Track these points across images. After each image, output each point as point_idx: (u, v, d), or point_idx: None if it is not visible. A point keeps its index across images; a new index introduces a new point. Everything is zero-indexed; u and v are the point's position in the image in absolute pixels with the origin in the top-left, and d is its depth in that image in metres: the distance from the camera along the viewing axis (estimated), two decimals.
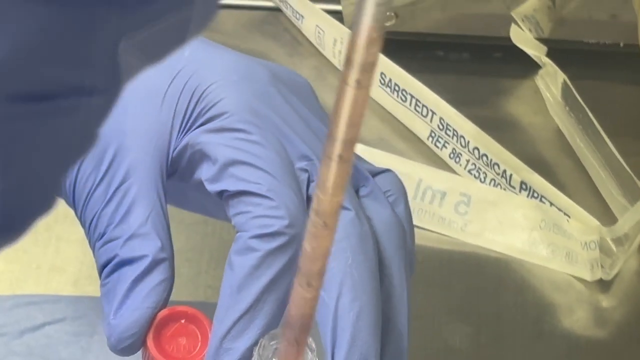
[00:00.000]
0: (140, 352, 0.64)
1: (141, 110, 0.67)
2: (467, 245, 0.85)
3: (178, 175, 0.67)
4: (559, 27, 0.93)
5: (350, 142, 0.43)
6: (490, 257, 0.84)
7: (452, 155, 0.88)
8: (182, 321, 0.64)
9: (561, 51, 0.91)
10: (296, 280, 0.48)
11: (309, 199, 0.63)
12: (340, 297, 0.63)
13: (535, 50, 0.90)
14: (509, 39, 0.91)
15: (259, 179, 0.63)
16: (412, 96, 0.89)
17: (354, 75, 0.45)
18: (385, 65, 0.90)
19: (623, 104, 0.90)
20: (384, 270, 0.65)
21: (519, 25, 0.90)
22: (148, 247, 0.64)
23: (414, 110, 0.89)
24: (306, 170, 0.64)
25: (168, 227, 0.65)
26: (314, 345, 0.61)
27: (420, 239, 0.83)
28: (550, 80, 0.90)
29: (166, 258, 0.64)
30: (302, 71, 0.92)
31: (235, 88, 0.66)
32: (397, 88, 0.90)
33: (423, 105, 0.88)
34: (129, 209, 0.65)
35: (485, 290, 0.83)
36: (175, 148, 0.66)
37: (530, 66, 0.92)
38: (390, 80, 0.90)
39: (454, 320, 0.81)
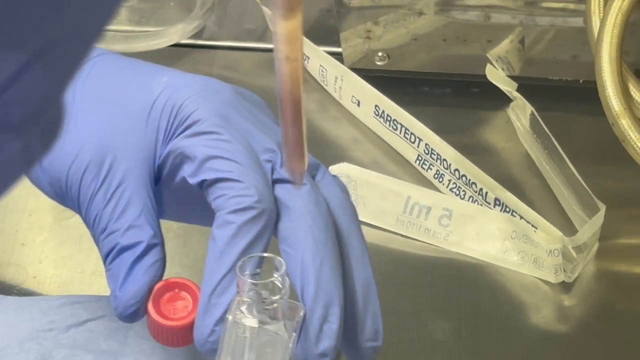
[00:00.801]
0: (145, 320, 0.67)
1: (130, 128, 0.69)
2: (449, 253, 0.85)
3: (164, 179, 0.69)
4: (527, 66, 0.93)
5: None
6: (469, 262, 0.84)
7: (436, 176, 0.88)
8: (176, 290, 0.67)
9: (529, 87, 0.91)
10: (275, 62, 0.52)
11: (273, 183, 0.66)
12: (305, 251, 0.65)
13: (507, 86, 0.90)
14: (484, 76, 0.91)
15: (231, 167, 0.66)
16: (402, 125, 0.89)
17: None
18: (379, 99, 0.90)
19: (582, 132, 0.90)
20: (343, 235, 0.67)
21: (493, 65, 0.90)
22: (143, 235, 0.66)
23: (404, 138, 0.89)
24: (270, 160, 0.66)
25: (158, 220, 0.67)
26: (282, 267, 0.64)
27: (408, 247, 0.84)
28: (520, 112, 0.90)
29: (158, 243, 0.67)
30: (307, 104, 0.92)
31: (205, 100, 0.68)
32: (389, 118, 0.90)
33: (411, 133, 0.89)
34: (125, 206, 0.67)
35: (465, 291, 0.83)
36: (160, 156, 0.69)
37: (503, 100, 0.91)
38: (383, 111, 0.90)
39: (438, 316, 0.81)
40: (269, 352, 0.64)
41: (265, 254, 0.64)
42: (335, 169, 0.86)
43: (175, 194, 0.70)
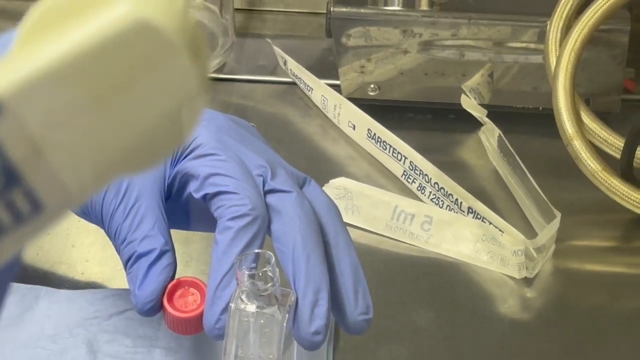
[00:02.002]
0: (160, 314, 0.68)
1: None
2: (430, 253, 0.84)
3: (173, 196, 0.71)
4: (495, 96, 0.93)
5: None
6: (447, 261, 0.84)
7: (419, 188, 0.87)
8: (186, 287, 0.68)
9: (497, 113, 0.90)
10: None
11: (265, 193, 0.67)
12: (295, 248, 0.66)
13: (478, 112, 0.89)
14: (459, 104, 0.90)
15: (228, 182, 0.67)
16: (390, 145, 0.89)
17: None
18: (371, 123, 0.90)
19: (541, 151, 0.90)
20: (330, 230, 0.68)
21: (467, 95, 0.90)
22: (156, 243, 0.67)
23: (392, 156, 0.89)
24: (261, 175, 0.67)
25: (169, 231, 0.68)
26: (272, 260, 0.64)
27: (396, 248, 0.85)
28: (489, 134, 0.90)
29: (169, 249, 0.68)
30: (311, 128, 0.93)
31: (204, 128, 0.69)
32: (379, 140, 0.89)
33: (398, 152, 0.88)
34: (141, 220, 0.68)
35: (443, 285, 0.83)
36: (169, 176, 0.70)
37: (475, 124, 0.91)
38: (374, 134, 0.90)
39: (421, 307, 0.81)
40: (267, 332, 0.66)
41: (257, 250, 0.66)
42: (334, 182, 0.86)
43: (183, 207, 0.71)
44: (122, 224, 0.68)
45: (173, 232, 0.68)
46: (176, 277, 0.68)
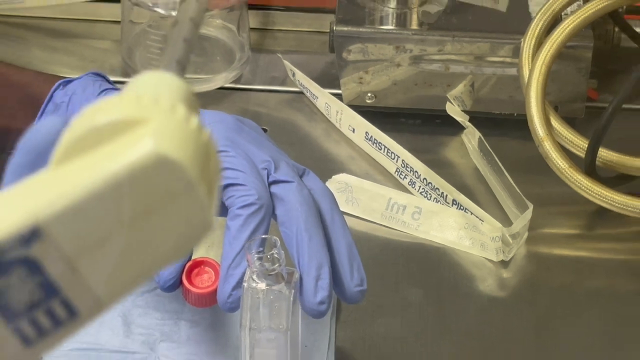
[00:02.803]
0: (180, 291, 0.69)
1: None
2: (419, 239, 0.84)
3: None
4: (476, 103, 0.93)
5: None
6: (434, 246, 0.84)
7: (409, 183, 0.87)
8: (202, 266, 0.69)
9: (477, 118, 0.90)
10: None
11: (269, 184, 0.68)
12: (297, 230, 0.66)
13: (461, 117, 0.89)
14: (445, 111, 0.90)
15: (237, 175, 0.67)
16: (385, 146, 0.89)
17: None
18: (368, 127, 0.90)
19: (516, 151, 0.90)
20: (327, 214, 0.69)
21: (451, 102, 0.90)
22: None
23: (386, 155, 0.89)
24: (265, 168, 0.68)
25: None
26: (278, 244, 0.65)
27: (390, 235, 0.84)
28: (471, 137, 0.90)
29: None
30: (316, 131, 0.93)
31: (216, 128, 0.69)
32: (375, 141, 0.89)
33: (392, 152, 0.88)
34: None
35: (431, 266, 0.83)
36: None
37: (458, 128, 0.91)
38: (371, 136, 0.90)
39: (411, 285, 0.81)
40: (276, 306, 0.66)
41: (265, 235, 0.66)
42: (337, 177, 0.86)
43: None
44: None
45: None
46: (195, 258, 0.69)
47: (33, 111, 0.74)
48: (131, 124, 0.32)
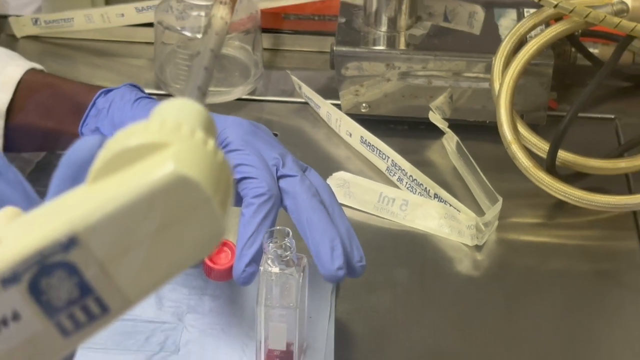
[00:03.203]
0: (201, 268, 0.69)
1: None
2: (406, 227, 0.84)
3: None
4: (454, 112, 0.92)
5: None
6: (418, 233, 0.84)
7: (398, 179, 0.87)
8: (221, 246, 0.68)
9: (455, 125, 0.90)
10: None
11: (278, 178, 0.68)
12: (307, 214, 0.67)
13: (442, 124, 0.89)
14: (428, 118, 0.90)
15: (250, 170, 0.67)
16: (377, 148, 0.89)
17: None
18: (363, 132, 0.90)
19: (488, 153, 0.89)
20: (327, 204, 0.69)
21: (433, 111, 0.90)
22: None
23: (378, 156, 0.89)
24: (275, 165, 0.68)
25: None
26: (290, 234, 0.65)
27: (382, 223, 0.85)
28: (450, 140, 0.90)
29: None
30: (319, 136, 0.93)
31: (233, 130, 0.69)
32: (369, 144, 0.89)
33: (383, 153, 0.88)
34: None
35: (416, 250, 0.83)
36: None
37: (439, 133, 0.90)
38: (365, 140, 0.90)
39: (399, 266, 0.81)
40: (287, 287, 0.66)
41: (279, 227, 0.66)
42: (336, 175, 0.86)
43: None
44: None
45: None
46: None
47: (79, 116, 0.75)
48: (156, 147, 0.32)
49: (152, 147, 0.32)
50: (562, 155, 0.86)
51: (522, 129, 0.87)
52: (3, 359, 0.31)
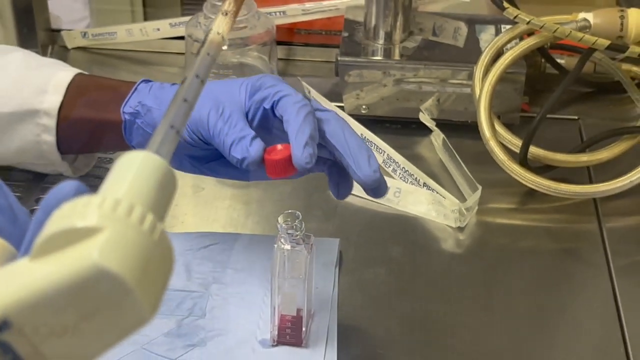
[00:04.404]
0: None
1: (231, 93, 0.67)
2: (399, 211, 0.84)
3: (250, 119, 0.66)
4: (441, 113, 0.92)
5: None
6: (409, 216, 0.84)
7: (392, 170, 0.87)
8: (274, 147, 0.64)
9: (442, 124, 0.90)
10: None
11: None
12: (345, 134, 0.65)
13: (430, 124, 0.89)
14: (418, 119, 0.90)
15: (289, 91, 0.65)
16: (374, 144, 0.88)
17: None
18: (363, 130, 0.89)
19: (469, 148, 0.89)
20: (325, 125, 0.66)
21: (423, 113, 0.90)
22: (250, 132, 0.64)
23: (376, 150, 0.88)
24: (308, 98, 0.66)
25: (253, 131, 0.64)
26: (300, 216, 0.64)
27: (378, 208, 0.85)
28: (437, 137, 0.90)
29: (257, 136, 0.64)
30: None
31: (265, 77, 0.67)
32: (368, 140, 0.89)
33: (380, 148, 0.88)
34: (236, 124, 0.64)
35: (407, 231, 0.82)
36: (247, 105, 0.66)
37: (427, 131, 0.90)
38: (365, 137, 0.89)
39: (394, 245, 0.81)
40: (297, 261, 0.66)
41: (290, 210, 0.64)
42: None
43: (258, 127, 0.67)
44: (223, 127, 0.65)
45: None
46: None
47: (121, 105, 0.73)
48: (89, 232, 0.30)
49: (86, 231, 0.30)
50: (533, 150, 0.86)
51: (499, 128, 0.87)
52: None
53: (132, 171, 0.32)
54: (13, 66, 0.77)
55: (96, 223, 0.30)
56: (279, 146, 0.64)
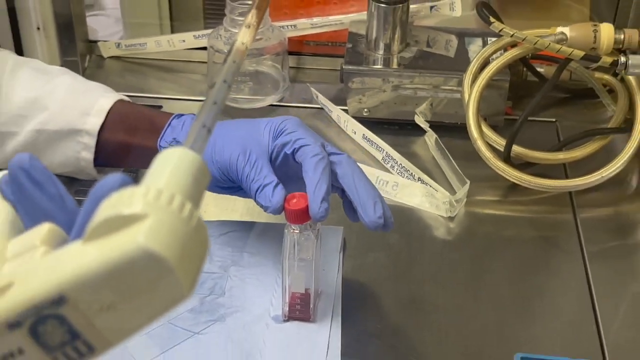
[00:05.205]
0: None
1: (256, 137, 0.68)
2: (397, 203, 0.84)
3: (273, 160, 0.67)
4: (434, 116, 0.92)
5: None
6: (406, 207, 0.83)
7: (391, 167, 0.87)
8: (294, 197, 0.65)
9: (435, 126, 0.90)
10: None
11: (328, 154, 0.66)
12: (355, 178, 0.66)
13: (424, 125, 0.89)
14: (414, 120, 0.90)
15: (306, 141, 0.66)
16: (375, 143, 0.88)
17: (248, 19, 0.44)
18: (365, 131, 0.89)
19: (459, 147, 0.89)
20: (337, 167, 0.67)
21: (418, 115, 0.90)
22: (274, 179, 0.65)
23: (376, 149, 0.88)
24: (322, 143, 0.67)
25: (277, 179, 0.65)
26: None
27: None
28: (430, 137, 0.90)
29: (279, 182, 0.65)
30: (331, 133, 0.93)
31: (290, 121, 0.68)
32: (369, 140, 0.89)
33: (379, 147, 0.88)
34: (261, 169, 0.65)
35: (403, 220, 0.82)
36: (271, 148, 0.67)
37: (422, 132, 0.90)
38: (367, 137, 0.89)
39: (391, 233, 0.79)
40: (306, 245, 0.66)
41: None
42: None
43: (279, 167, 0.68)
44: (250, 173, 0.66)
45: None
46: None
47: (156, 134, 0.74)
48: (134, 219, 0.30)
49: (132, 218, 0.30)
50: (515, 149, 0.86)
51: (485, 129, 0.87)
52: None
53: (171, 165, 0.32)
54: (62, 89, 0.78)
55: (141, 210, 0.30)
56: (297, 195, 0.65)
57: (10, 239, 0.33)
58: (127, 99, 0.80)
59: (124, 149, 0.76)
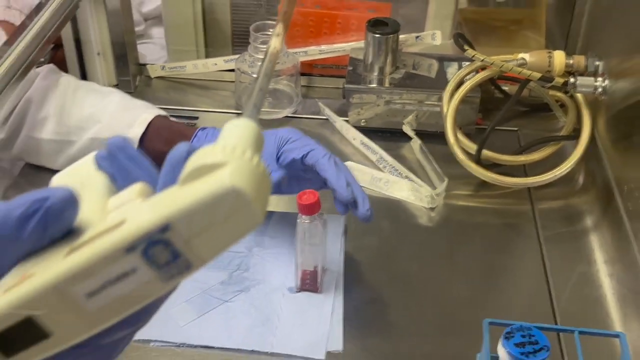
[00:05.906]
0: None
1: (265, 145, 0.67)
2: (388, 196, 0.84)
3: (279, 164, 0.66)
4: (419, 125, 0.92)
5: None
6: (395, 200, 0.84)
7: (383, 167, 0.87)
8: (306, 193, 0.64)
9: (420, 133, 0.90)
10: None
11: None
12: (350, 178, 0.64)
13: (410, 133, 0.89)
14: (402, 130, 0.90)
15: (314, 146, 0.65)
16: (370, 148, 0.88)
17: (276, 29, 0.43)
18: (362, 138, 0.89)
19: (439, 151, 0.88)
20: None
21: (406, 125, 0.90)
22: (277, 174, 0.65)
23: (371, 152, 0.88)
24: (326, 152, 0.66)
25: (283, 176, 0.65)
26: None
27: (373, 194, 0.84)
28: (415, 143, 0.90)
29: (286, 174, 0.65)
30: (334, 139, 0.92)
31: (293, 132, 0.67)
32: (366, 144, 0.89)
33: (374, 151, 0.88)
34: (270, 171, 0.64)
35: (393, 210, 0.82)
36: (278, 155, 0.67)
37: (408, 138, 0.90)
38: (364, 142, 0.89)
39: (383, 220, 0.81)
40: (314, 231, 0.66)
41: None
42: (346, 164, 0.84)
43: (285, 169, 0.68)
44: None
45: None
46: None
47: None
48: (219, 166, 0.31)
49: (216, 165, 0.31)
50: (485, 152, 0.86)
51: (460, 136, 0.87)
52: (126, 297, 0.31)
53: (239, 129, 0.34)
54: (112, 106, 0.80)
55: (222, 159, 0.31)
56: (307, 192, 0.65)
57: (109, 198, 0.34)
58: (165, 114, 0.82)
59: (160, 156, 0.76)
